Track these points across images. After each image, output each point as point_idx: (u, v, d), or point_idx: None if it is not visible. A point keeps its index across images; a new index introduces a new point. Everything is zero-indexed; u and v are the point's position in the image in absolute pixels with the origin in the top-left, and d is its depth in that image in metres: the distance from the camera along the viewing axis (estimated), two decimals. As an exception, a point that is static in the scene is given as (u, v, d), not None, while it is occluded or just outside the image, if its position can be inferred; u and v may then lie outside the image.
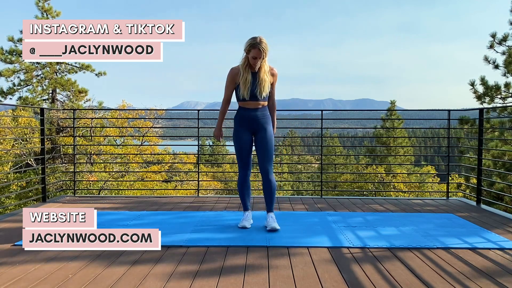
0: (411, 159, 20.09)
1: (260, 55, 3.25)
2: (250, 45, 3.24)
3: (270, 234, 3.28)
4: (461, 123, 8.33)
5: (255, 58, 3.27)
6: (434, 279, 2.37)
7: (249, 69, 3.36)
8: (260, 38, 3.24)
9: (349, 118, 9.43)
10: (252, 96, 3.37)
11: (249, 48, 3.26)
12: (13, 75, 14.51)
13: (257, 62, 3.30)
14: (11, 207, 9.63)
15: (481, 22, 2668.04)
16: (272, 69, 3.44)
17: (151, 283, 2.29)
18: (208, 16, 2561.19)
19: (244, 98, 3.39)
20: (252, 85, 3.35)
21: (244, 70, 3.34)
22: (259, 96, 3.37)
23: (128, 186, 13.06)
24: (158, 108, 14.50)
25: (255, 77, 3.37)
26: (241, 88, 3.36)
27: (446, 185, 5.29)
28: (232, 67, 3.43)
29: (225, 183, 19.69)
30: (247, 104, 3.44)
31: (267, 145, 3.46)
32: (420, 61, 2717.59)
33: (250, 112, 3.44)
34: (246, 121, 3.46)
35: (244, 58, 3.36)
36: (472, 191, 6.13)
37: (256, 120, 3.44)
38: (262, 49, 3.23)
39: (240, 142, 3.49)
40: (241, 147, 3.49)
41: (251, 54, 3.26)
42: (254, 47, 3.23)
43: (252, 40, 3.24)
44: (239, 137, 3.49)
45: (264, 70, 3.35)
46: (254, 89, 3.35)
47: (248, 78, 3.33)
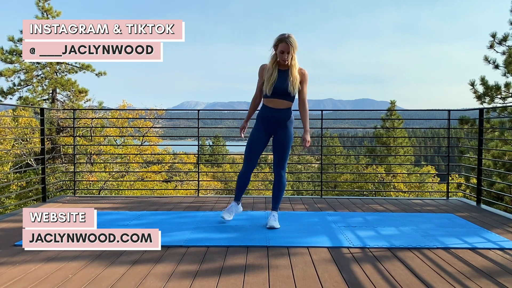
0: (411, 159, 20.09)
1: (287, 49, 3.25)
2: (278, 39, 3.29)
3: (270, 234, 3.28)
4: (461, 123, 8.33)
5: (282, 53, 3.28)
6: (434, 279, 2.37)
7: (276, 66, 3.37)
8: (288, 34, 3.29)
9: (349, 118, 9.45)
10: (275, 93, 3.37)
11: (277, 43, 3.30)
12: (13, 75, 14.51)
13: (286, 57, 3.28)
14: (11, 207, 9.63)
15: (481, 22, 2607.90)
16: (301, 69, 3.44)
17: (151, 283, 2.29)
18: (208, 16, 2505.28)
19: (266, 94, 3.40)
20: (277, 82, 3.35)
21: (271, 67, 3.37)
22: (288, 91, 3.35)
23: (128, 186, 13.06)
24: (158, 108, 14.50)
25: (282, 74, 3.37)
26: (265, 83, 3.39)
27: (446, 185, 5.29)
28: (262, 64, 3.49)
29: (225, 183, 19.68)
30: (270, 102, 3.43)
31: (284, 146, 3.48)
32: (420, 61, 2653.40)
33: (271, 113, 3.44)
34: (265, 121, 3.47)
35: (272, 56, 3.38)
36: (472, 191, 6.14)
37: (276, 121, 3.44)
38: (289, 42, 3.25)
39: (254, 139, 3.51)
40: (253, 144, 3.52)
41: (279, 49, 3.28)
42: (281, 41, 3.27)
43: (280, 36, 3.31)
44: (254, 135, 3.52)
45: (294, 67, 3.36)
46: (278, 86, 3.35)
47: (274, 74, 3.35)
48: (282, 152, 3.49)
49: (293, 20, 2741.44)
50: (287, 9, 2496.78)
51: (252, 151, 3.53)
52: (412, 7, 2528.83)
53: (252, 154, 3.53)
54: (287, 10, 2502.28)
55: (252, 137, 3.53)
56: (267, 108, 3.46)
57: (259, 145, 3.51)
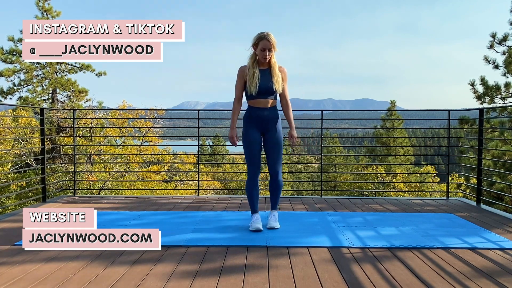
0: (411, 159, 20.09)
1: (268, 46, 3.26)
2: (258, 38, 3.29)
3: (270, 234, 3.28)
4: (461, 123, 8.33)
5: (263, 50, 3.28)
6: (434, 279, 2.37)
7: (256, 65, 3.36)
8: (267, 32, 3.30)
9: (349, 118, 9.44)
10: (260, 93, 3.35)
11: (257, 41, 3.30)
12: (13, 75, 14.51)
13: (267, 54, 3.29)
14: (11, 207, 9.63)
15: (481, 22, 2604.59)
16: (281, 67, 3.44)
17: (151, 283, 2.29)
18: (208, 16, 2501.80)
19: (252, 95, 3.37)
20: (261, 81, 3.33)
21: (252, 66, 3.35)
22: (273, 90, 3.34)
23: (128, 186, 13.06)
24: (158, 108, 14.50)
25: (263, 73, 3.36)
26: (248, 83, 3.36)
27: (446, 185, 5.29)
28: (241, 66, 3.45)
29: (225, 183, 19.69)
30: (256, 103, 3.41)
31: (277, 145, 3.46)
32: (420, 61, 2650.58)
33: (259, 112, 3.41)
34: (255, 121, 3.43)
35: (251, 55, 3.38)
36: (472, 191, 6.13)
37: (265, 120, 3.42)
38: (270, 39, 3.26)
39: (250, 142, 3.44)
40: (251, 147, 3.44)
41: (259, 47, 3.28)
42: (262, 39, 3.27)
43: (259, 34, 3.31)
44: (249, 137, 3.45)
45: (275, 65, 3.36)
46: (262, 84, 3.33)
47: (256, 73, 3.33)
48: (277, 151, 3.47)
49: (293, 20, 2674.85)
50: (287, 9, 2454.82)
51: (253, 153, 3.44)
52: (412, 7, 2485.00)
53: (254, 157, 3.45)
54: (287, 10, 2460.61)
55: (248, 140, 3.44)
56: (255, 109, 3.42)
57: (257, 146, 3.45)
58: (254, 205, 3.49)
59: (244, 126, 3.49)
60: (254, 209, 3.50)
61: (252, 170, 3.46)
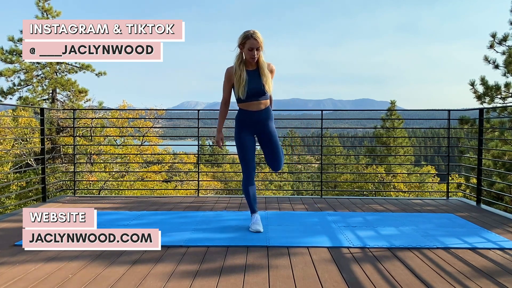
0: (411, 159, 20.10)
1: (256, 45, 3.10)
2: (244, 37, 3.11)
3: (270, 234, 3.28)
4: (461, 123, 8.33)
5: (251, 50, 3.11)
6: (434, 279, 2.37)
7: (243, 67, 3.20)
8: (253, 30, 3.13)
9: (349, 118, 9.45)
10: (251, 95, 3.22)
11: (243, 41, 3.12)
12: (13, 75, 14.52)
13: (255, 54, 3.13)
14: (11, 207, 9.63)
15: (481, 22, 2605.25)
16: (270, 65, 3.29)
17: (151, 283, 2.29)
18: (208, 16, 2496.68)
19: (240, 98, 3.24)
20: (249, 83, 3.19)
21: (238, 68, 3.19)
22: (264, 91, 3.21)
23: (128, 186, 13.07)
24: (158, 108, 14.50)
25: (252, 75, 3.21)
26: (235, 86, 3.22)
27: (446, 185, 5.29)
28: (228, 67, 3.29)
29: (225, 183, 19.69)
30: (247, 106, 3.28)
31: (275, 138, 3.38)
32: (420, 61, 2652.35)
33: (252, 116, 3.29)
34: (247, 124, 3.33)
35: (238, 56, 3.21)
36: (472, 191, 6.14)
37: (260, 123, 3.32)
38: (257, 38, 3.09)
39: (243, 145, 3.35)
40: (245, 150, 3.37)
41: (246, 46, 3.12)
42: (249, 38, 3.09)
43: (245, 33, 3.12)
44: (242, 140, 3.35)
45: (264, 65, 3.21)
46: (251, 87, 3.20)
47: (243, 76, 3.16)
48: (276, 146, 3.40)
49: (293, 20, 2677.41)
50: (287, 9, 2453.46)
51: (247, 157, 3.37)
52: (412, 7, 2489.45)
53: (249, 159, 3.38)
54: (287, 10, 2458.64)
55: (242, 142, 3.35)
56: (247, 112, 3.29)
57: (251, 149, 3.39)
58: (252, 205, 3.47)
59: (236, 129, 3.38)
60: (253, 209, 3.48)
61: (247, 171, 3.41)
